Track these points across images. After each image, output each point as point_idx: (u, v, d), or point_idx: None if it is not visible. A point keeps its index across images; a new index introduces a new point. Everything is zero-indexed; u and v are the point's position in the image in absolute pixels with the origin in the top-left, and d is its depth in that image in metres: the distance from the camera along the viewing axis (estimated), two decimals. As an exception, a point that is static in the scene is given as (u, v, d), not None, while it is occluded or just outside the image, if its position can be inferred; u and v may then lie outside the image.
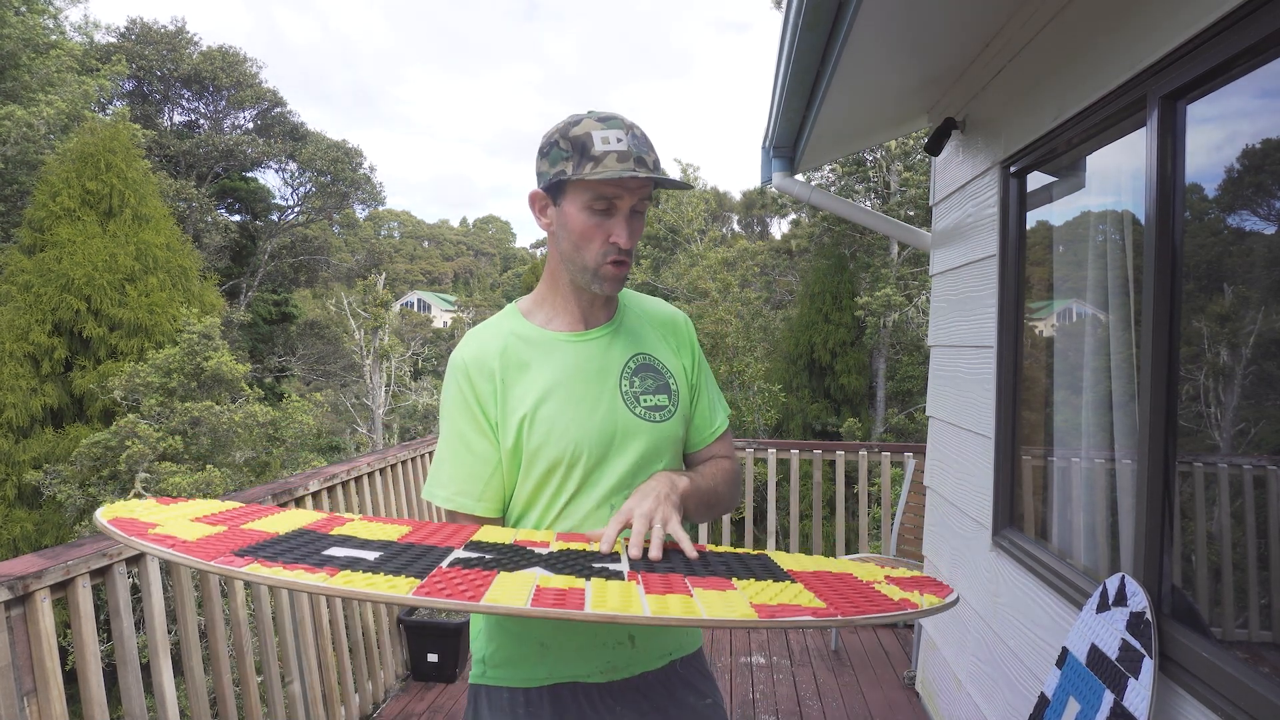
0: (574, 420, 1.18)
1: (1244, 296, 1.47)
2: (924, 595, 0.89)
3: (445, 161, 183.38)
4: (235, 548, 0.85)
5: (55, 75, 14.87)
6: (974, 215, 2.67)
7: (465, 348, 1.23)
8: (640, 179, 1.11)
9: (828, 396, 14.72)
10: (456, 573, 0.85)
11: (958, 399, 2.83)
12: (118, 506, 0.97)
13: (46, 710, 1.68)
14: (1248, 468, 1.48)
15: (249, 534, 0.94)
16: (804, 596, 0.87)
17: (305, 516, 1.11)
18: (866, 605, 0.83)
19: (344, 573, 0.79)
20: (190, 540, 0.86)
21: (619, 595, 0.82)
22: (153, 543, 0.82)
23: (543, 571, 0.90)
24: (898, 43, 2.39)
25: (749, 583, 0.92)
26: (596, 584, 0.86)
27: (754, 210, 29.40)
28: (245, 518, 1.04)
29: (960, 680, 2.70)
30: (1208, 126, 1.48)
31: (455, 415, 1.21)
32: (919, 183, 14.31)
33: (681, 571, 0.96)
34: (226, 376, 11.06)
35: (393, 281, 33.73)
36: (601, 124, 1.13)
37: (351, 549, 0.92)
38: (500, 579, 0.84)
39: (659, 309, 1.36)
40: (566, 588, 0.83)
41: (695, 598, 0.83)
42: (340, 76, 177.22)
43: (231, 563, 0.78)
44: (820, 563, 1.09)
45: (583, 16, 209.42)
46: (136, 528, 0.88)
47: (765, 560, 1.08)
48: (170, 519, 0.96)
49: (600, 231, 1.14)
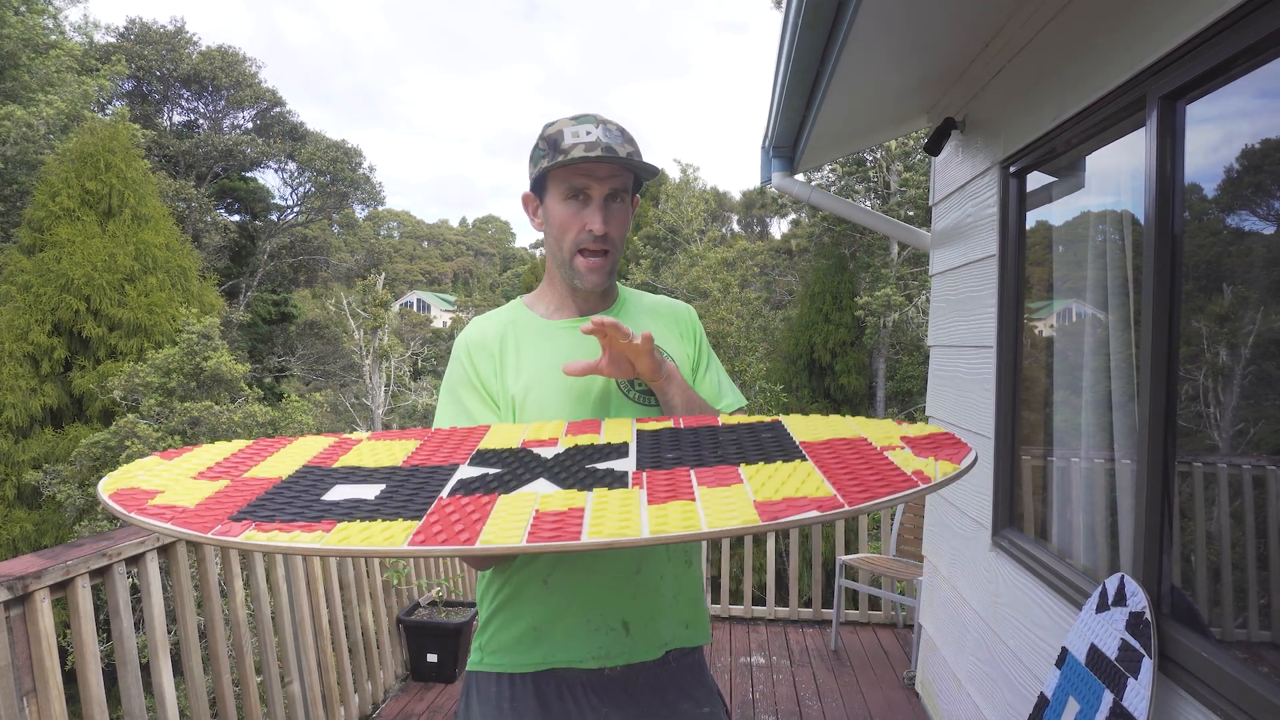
0: (566, 403, 1.20)
1: (1243, 296, 1.47)
2: (939, 462, 0.83)
3: (445, 162, 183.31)
4: (233, 509, 0.82)
5: (55, 75, 14.86)
6: (974, 215, 2.67)
7: (468, 331, 1.27)
8: (607, 165, 1.16)
9: (828, 396, 14.72)
10: (455, 504, 0.82)
11: (957, 399, 2.83)
12: (119, 475, 0.94)
13: (46, 710, 1.68)
14: (1247, 468, 1.48)
15: (250, 485, 0.91)
16: (811, 482, 0.82)
17: (312, 447, 1.08)
18: (875, 485, 0.78)
19: (341, 525, 0.77)
20: (190, 506, 0.84)
21: (618, 512, 0.78)
22: (151, 517, 0.81)
23: (545, 487, 0.86)
24: (898, 42, 2.39)
25: (758, 467, 0.88)
26: (598, 497, 0.82)
27: (754, 210, 29.40)
28: (249, 462, 1.01)
29: (960, 680, 2.70)
30: (1207, 126, 1.48)
31: (457, 388, 1.24)
32: (919, 183, 14.31)
33: (689, 462, 0.91)
34: (226, 376, 11.06)
35: (392, 281, 33.72)
36: (573, 121, 1.18)
37: (354, 484, 0.90)
38: (499, 506, 0.81)
39: (660, 302, 1.38)
40: (565, 508, 0.79)
41: (698, 501, 0.79)
42: (340, 77, 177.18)
43: (228, 530, 0.76)
44: (835, 426, 1.04)
45: (583, 17, 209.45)
46: (137, 499, 0.86)
47: (778, 430, 1.03)
48: (172, 480, 0.93)
49: (577, 220, 1.19)
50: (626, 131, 1.20)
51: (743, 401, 1.37)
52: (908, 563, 3.98)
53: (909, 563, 3.98)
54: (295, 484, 0.91)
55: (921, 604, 3.37)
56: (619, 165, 1.18)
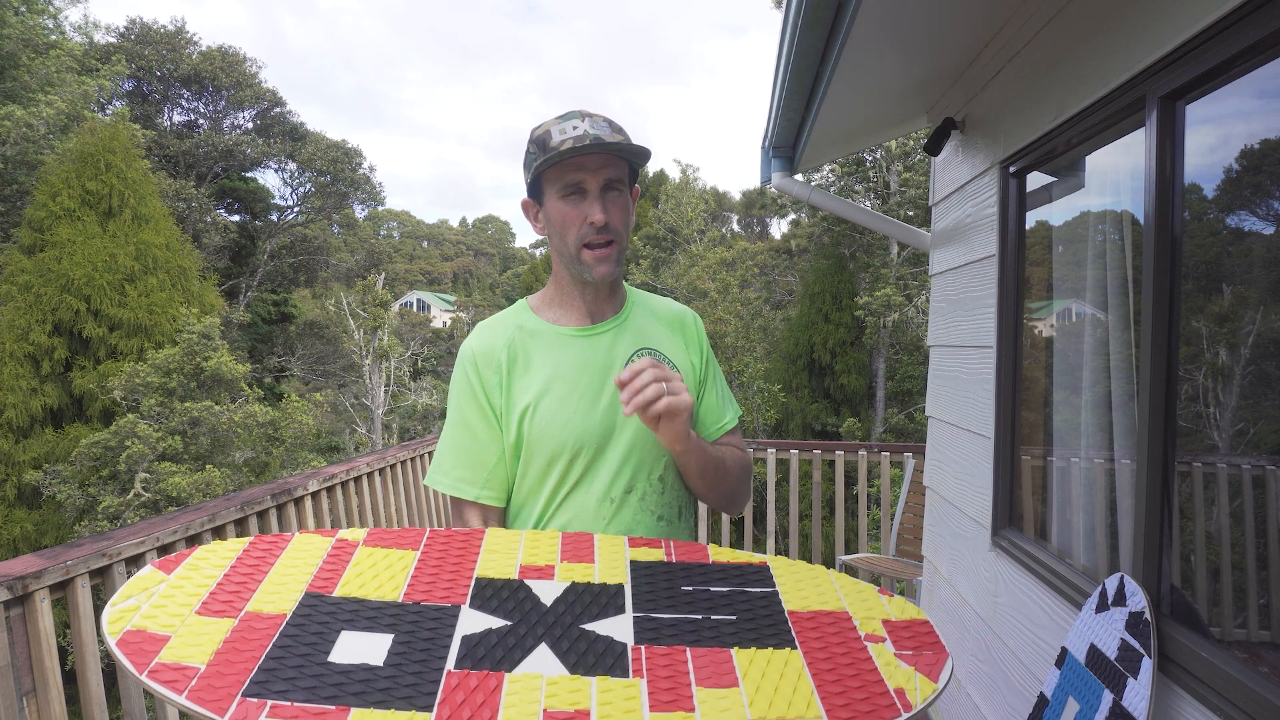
0: (575, 413, 1.19)
1: (1243, 297, 1.47)
2: (919, 676, 0.90)
3: (445, 162, 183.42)
4: (244, 673, 0.83)
5: (55, 75, 14.87)
6: (973, 215, 2.67)
7: (473, 339, 1.26)
8: (598, 155, 1.15)
9: (827, 396, 14.72)
10: (464, 687, 0.84)
11: (957, 399, 2.83)
12: (122, 609, 0.92)
13: (45, 710, 1.68)
14: (1247, 468, 1.48)
15: (255, 627, 0.91)
16: (800, 695, 0.86)
17: (308, 557, 1.06)
18: (861, 714, 0.84)
19: (354, 715, 0.79)
20: (201, 668, 0.84)
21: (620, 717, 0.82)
22: (164, 685, 0.81)
23: (547, 662, 0.89)
24: (897, 43, 2.40)
25: (750, 655, 0.92)
26: (601, 694, 0.85)
27: (754, 210, 29.41)
28: (249, 584, 0.99)
29: (960, 680, 2.70)
30: (1207, 127, 1.48)
31: (461, 403, 1.24)
32: (919, 183, 14.32)
33: (686, 640, 0.95)
34: (226, 377, 11.06)
35: (392, 281, 33.73)
36: (559, 120, 1.18)
37: (360, 631, 0.91)
38: (507, 699, 0.83)
39: (667, 307, 1.37)
40: (571, 710, 0.82)
41: (696, 714, 0.83)
42: (342, 79, 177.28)
43: (246, 715, 0.78)
44: (820, 588, 1.07)
45: (581, 19, 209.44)
46: (145, 651, 0.85)
47: (767, 587, 1.06)
48: (176, 617, 0.92)
49: (577, 215, 1.18)
50: (614, 122, 1.20)
51: (739, 412, 1.39)
52: (907, 563, 3.98)
53: (909, 563, 3.98)
54: (302, 629, 0.91)
55: (921, 604, 3.37)
56: (610, 154, 1.17)
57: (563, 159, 1.15)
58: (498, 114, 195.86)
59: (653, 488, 1.24)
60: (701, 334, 1.37)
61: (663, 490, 1.25)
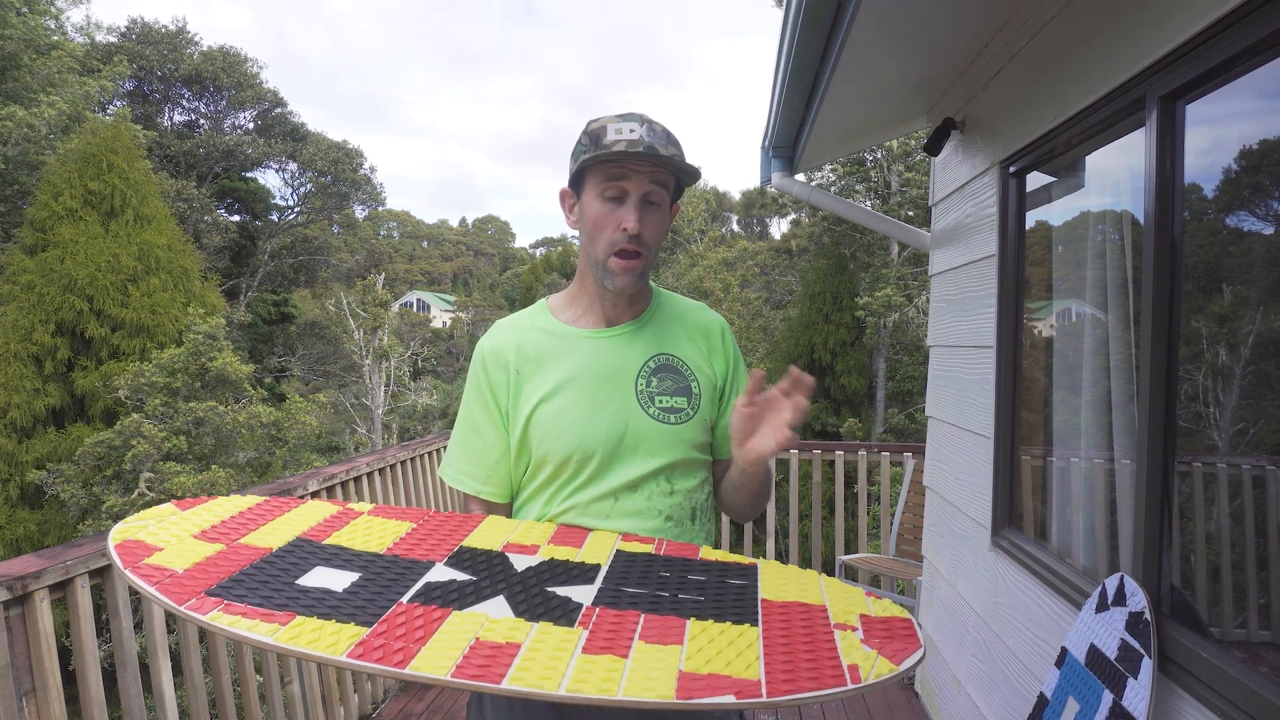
0: (583, 417, 1.19)
1: (1242, 297, 1.47)
2: (880, 658, 0.85)
3: (445, 163, 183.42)
4: (213, 582, 0.87)
5: (56, 76, 14.88)
6: (973, 215, 2.67)
7: (488, 338, 1.27)
8: (646, 162, 1.13)
9: (828, 396, 14.71)
10: (408, 614, 0.85)
11: (957, 399, 2.83)
12: (133, 522, 0.99)
13: (45, 710, 1.68)
14: (1246, 468, 1.48)
15: (240, 554, 0.95)
16: (744, 659, 0.83)
17: (313, 515, 1.10)
18: (804, 677, 0.80)
19: (297, 621, 0.81)
20: (178, 571, 0.89)
21: (548, 657, 0.80)
22: (141, 577, 0.86)
23: (498, 608, 0.89)
24: (897, 42, 2.39)
25: (705, 626, 0.89)
26: (538, 634, 0.84)
27: (754, 210, 29.39)
28: (250, 525, 1.04)
29: (960, 680, 2.70)
30: (1206, 127, 1.48)
31: (470, 401, 1.26)
32: (919, 183, 14.30)
33: (644, 606, 0.93)
34: (231, 377, 11.07)
35: (392, 281, 33.74)
36: (618, 118, 1.16)
37: (333, 568, 0.94)
38: (445, 626, 0.83)
39: (695, 313, 1.34)
40: (503, 641, 0.81)
41: (628, 660, 0.81)
42: (344, 82, 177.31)
43: (199, 606, 0.82)
44: (805, 585, 1.04)
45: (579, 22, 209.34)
46: (135, 554, 0.91)
47: (749, 579, 1.04)
48: (174, 538, 0.97)
49: (612, 219, 1.16)
50: (672, 135, 1.18)
51: None
52: (907, 563, 3.98)
53: (908, 563, 3.98)
54: (280, 559, 0.96)
55: (921, 604, 3.37)
56: (659, 165, 1.15)
57: (612, 159, 1.13)
58: (498, 115, 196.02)
59: (660, 489, 1.23)
60: (730, 344, 1.33)
61: (670, 492, 1.24)
